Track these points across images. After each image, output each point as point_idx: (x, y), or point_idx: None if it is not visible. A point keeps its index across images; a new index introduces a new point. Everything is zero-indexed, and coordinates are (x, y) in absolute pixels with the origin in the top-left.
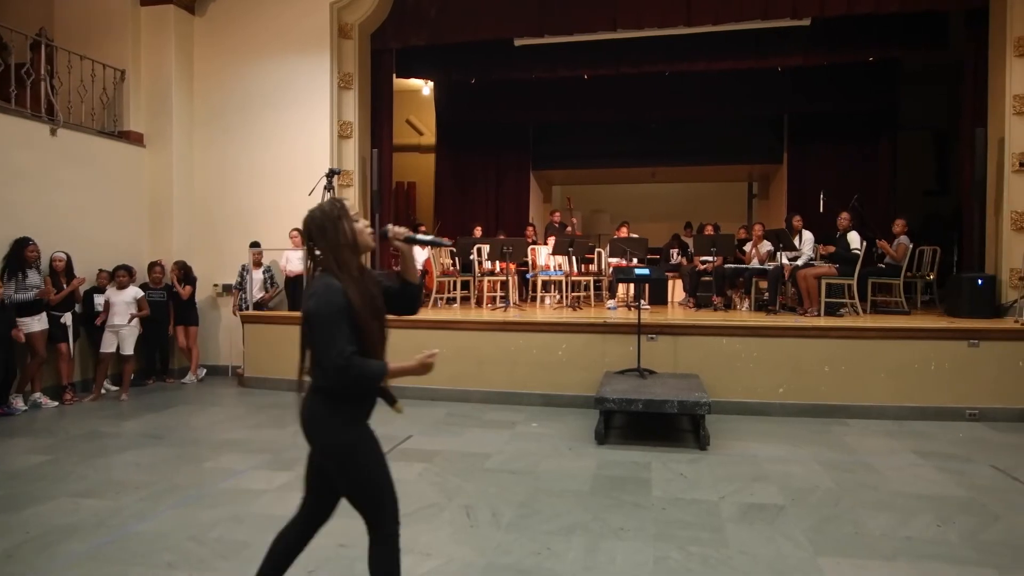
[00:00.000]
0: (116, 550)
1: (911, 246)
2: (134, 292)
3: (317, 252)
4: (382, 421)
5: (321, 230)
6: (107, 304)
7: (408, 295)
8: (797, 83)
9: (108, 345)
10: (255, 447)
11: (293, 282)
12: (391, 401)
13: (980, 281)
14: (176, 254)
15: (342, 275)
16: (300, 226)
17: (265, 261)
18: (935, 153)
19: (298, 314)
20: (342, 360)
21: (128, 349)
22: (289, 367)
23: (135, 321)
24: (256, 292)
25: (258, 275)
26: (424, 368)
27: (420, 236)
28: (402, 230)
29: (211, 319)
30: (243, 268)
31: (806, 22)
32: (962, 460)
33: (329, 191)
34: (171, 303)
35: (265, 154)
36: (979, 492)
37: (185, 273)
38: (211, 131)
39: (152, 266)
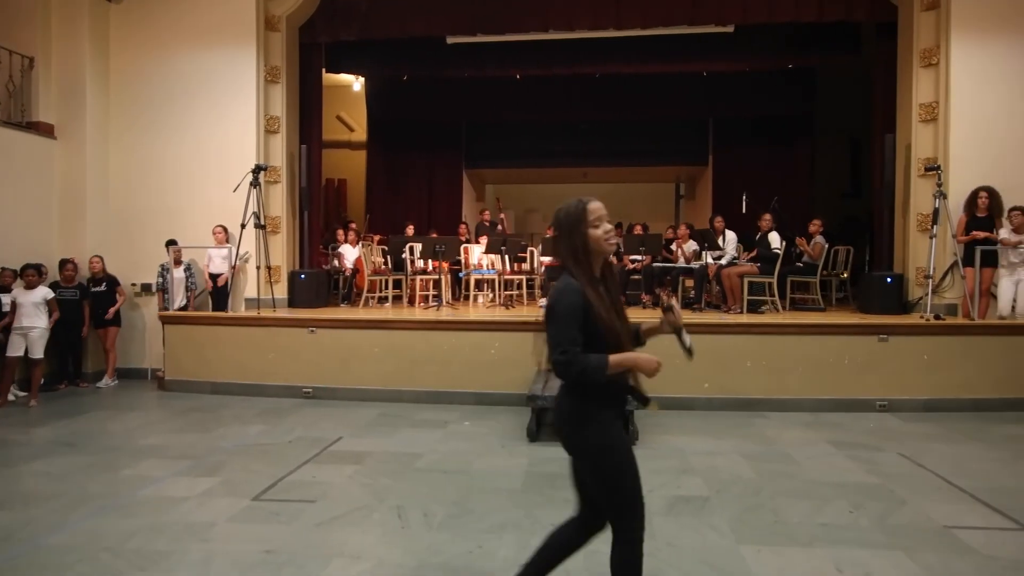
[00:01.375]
0: (25, 565)
1: (827, 246)
2: (44, 292)
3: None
4: (309, 423)
5: (564, 230)
6: (14, 305)
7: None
8: (722, 88)
9: (15, 348)
10: (176, 453)
11: (217, 280)
12: (644, 401)
13: (889, 279)
14: (90, 252)
15: (579, 275)
16: (223, 223)
17: (186, 259)
18: (850, 157)
19: (221, 314)
20: (564, 356)
21: (37, 352)
22: (214, 369)
23: (45, 323)
24: (178, 290)
25: (179, 273)
26: (649, 365)
27: (686, 341)
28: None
29: (128, 320)
30: (163, 267)
31: (730, 29)
32: (872, 449)
33: (255, 187)
34: (85, 302)
35: (187, 149)
36: (888, 479)
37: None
38: (129, 123)
39: (64, 264)
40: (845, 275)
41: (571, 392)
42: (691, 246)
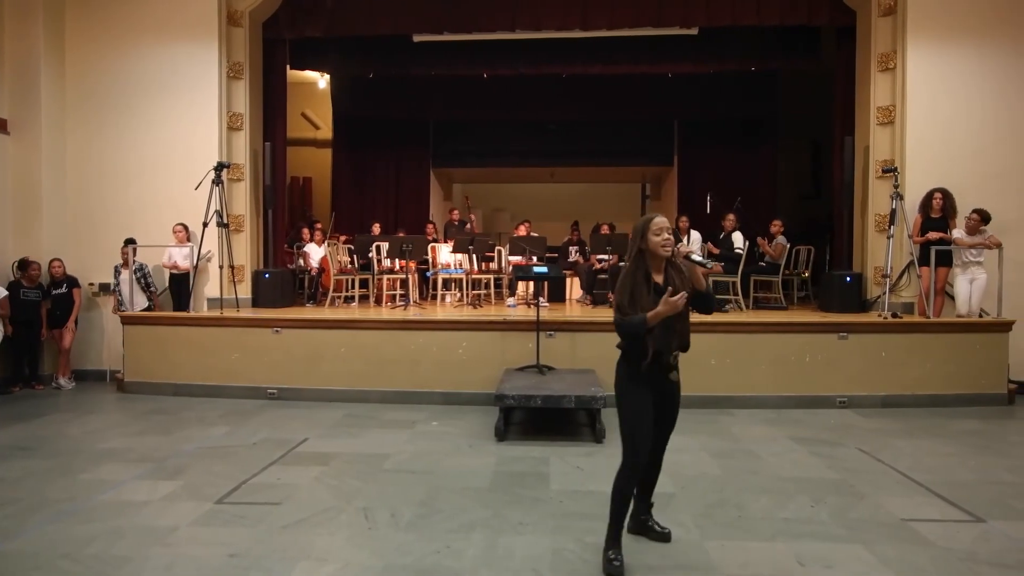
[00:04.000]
0: None
1: (788, 245)
2: None
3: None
4: (274, 425)
5: (634, 234)
6: None
7: (699, 298)
8: (687, 90)
9: None
10: (137, 456)
11: (178, 280)
12: (667, 370)
13: (848, 278)
14: (46, 251)
15: (632, 266)
16: (185, 221)
17: (149, 259)
18: (811, 159)
19: (183, 314)
20: (617, 317)
21: None
22: (175, 370)
23: None
24: (126, 293)
25: (126, 275)
26: (674, 306)
27: (695, 257)
28: (685, 250)
29: (86, 320)
30: (117, 268)
31: (695, 31)
32: (833, 444)
33: (217, 185)
34: (43, 303)
35: (148, 145)
36: (848, 474)
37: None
38: (87, 119)
39: (29, 264)
40: (806, 274)
41: (621, 355)
42: None
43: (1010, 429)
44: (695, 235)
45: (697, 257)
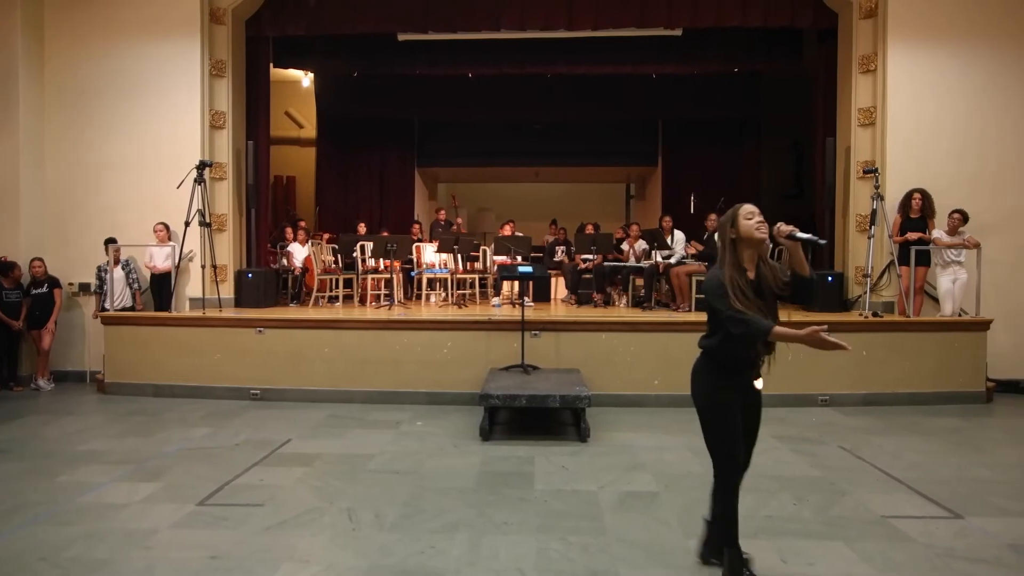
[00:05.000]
0: None
1: (771, 246)
2: None
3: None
4: (257, 425)
5: (720, 226)
6: None
7: (798, 285)
8: (671, 90)
9: None
10: (116, 458)
11: (159, 280)
12: (755, 376)
13: (830, 278)
14: (24, 249)
15: (723, 263)
16: (166, 220)
17: (127, 257)
18: (793, 159)
19: (164, 315)
20: (736, 313)
21: None
22: (156, 371)
23: None
24: (118, 292)
25: (119, 274)
26: (813, 338)
27: (799, 234)
28: (787, 228)
29: (66, 320)
30: (100, 268)
31: (678, 32)
32: (814, 442)
33: (199, 184)
34: (23, 303)
35: (129, 144)
36: (829, 471)
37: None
38: (66, 116)
39: (12, 266)
40: (789, 274)
41: (703, 353)
42: (641, 245)
43: (988, 426)
44: (679, 235)
45: (802, 234)
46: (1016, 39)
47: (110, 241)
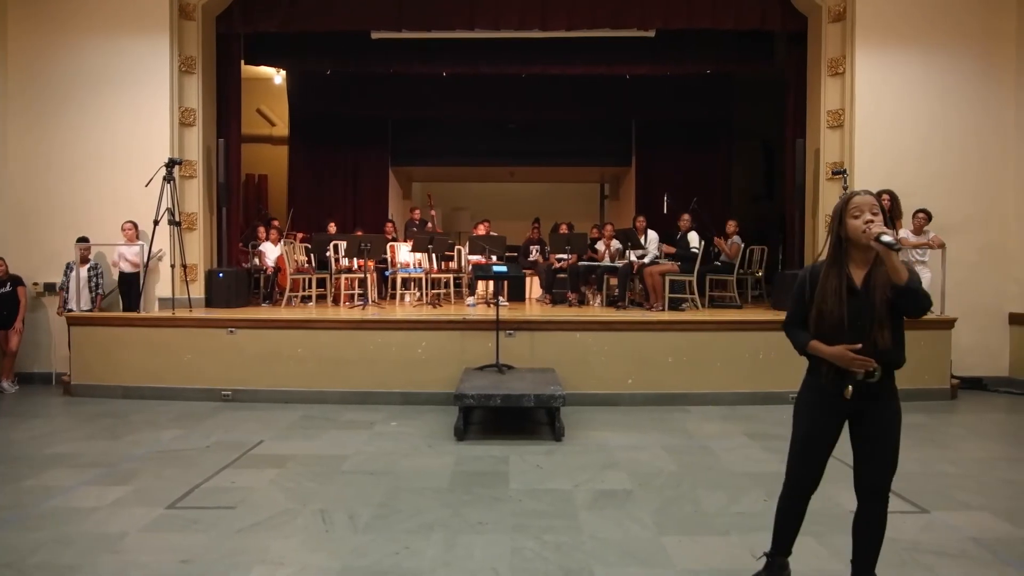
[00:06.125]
0: None
1: (743, 245)
2: None
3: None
4: (228, 427)
5: (832, 219)
6: None
7: (902, 296)
8: (644, 91)
9: None
10: (85, 461)
11: (127, 280)
12: (842, 386)
13: None
14: None
15: (827, 258)
16: (134, 219)
17: (93, 257)
18: (764, 161)
19: (133, 315)
20: (785, 321)
21: None
22: (125, 373)
23: None
24: (83, 290)
25: (84, 273)
26: (842, 357)
27: (885, 239)
28: (877, 230)
29: (31, 321)
30: (68, 266)
31: (651, 33)
32: (785, 440)
33: (168, 182)
34: None
35: (95, 140)
36: None
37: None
38: (29, 111)
39: None
40: (760, 273)
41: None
42: (615, 245)
43: (953, 423)
44: (652, 234)
45: (888, 238)
46: (978, 43)
47: (82, 240)
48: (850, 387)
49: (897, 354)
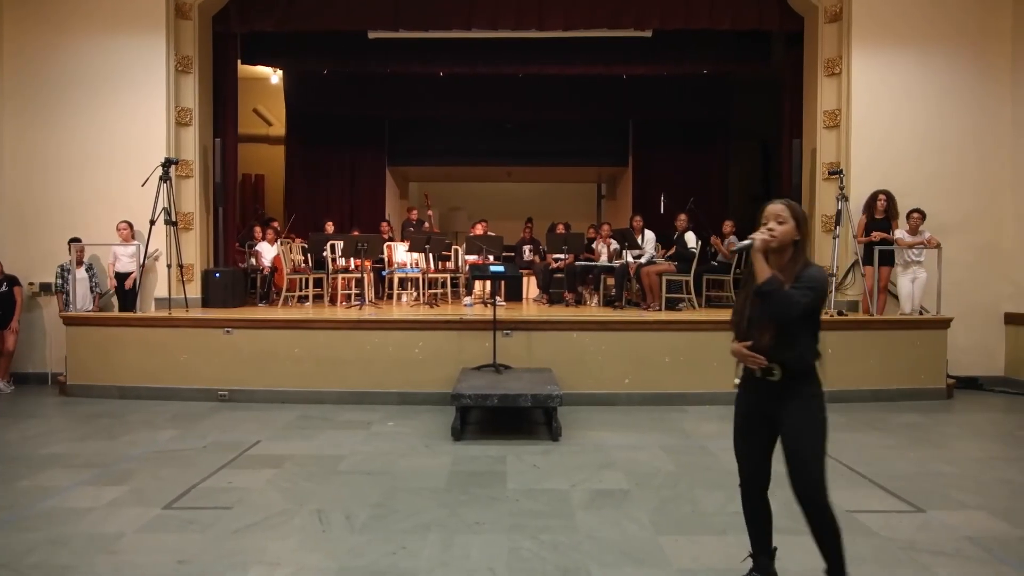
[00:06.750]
0: None
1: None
2: None
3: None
4: (225, 427)
5: (805, 219)
6: None
7: (758, 295)
8: (641, 91)
9: None
10: (80, 461)
11: (123, 280)
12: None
13: None
14: None
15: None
16: (130, 219)
17: (87, 258)
18: (761, 161)
19: (129, 315)
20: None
21: None
22: (121, 373)
23: None
24: (81, 295)
25: (81, 274)
26: (737, 353)
27: (737, 245)
28: (738, 243)
29: (27, 321)
30: (62, 268)
31: (648, 33)
32: None
33: (165, 182)
34: None
35: (91, 140)
36: None
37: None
38: (25, 110)
39: None
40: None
41: None
42: (612, 245)
43: (948, 422)
44: (649, 234)
45: (742, 244)
46: (975, 43)
47: (74, 240)
48: (736, 379)
49: (786, 355)
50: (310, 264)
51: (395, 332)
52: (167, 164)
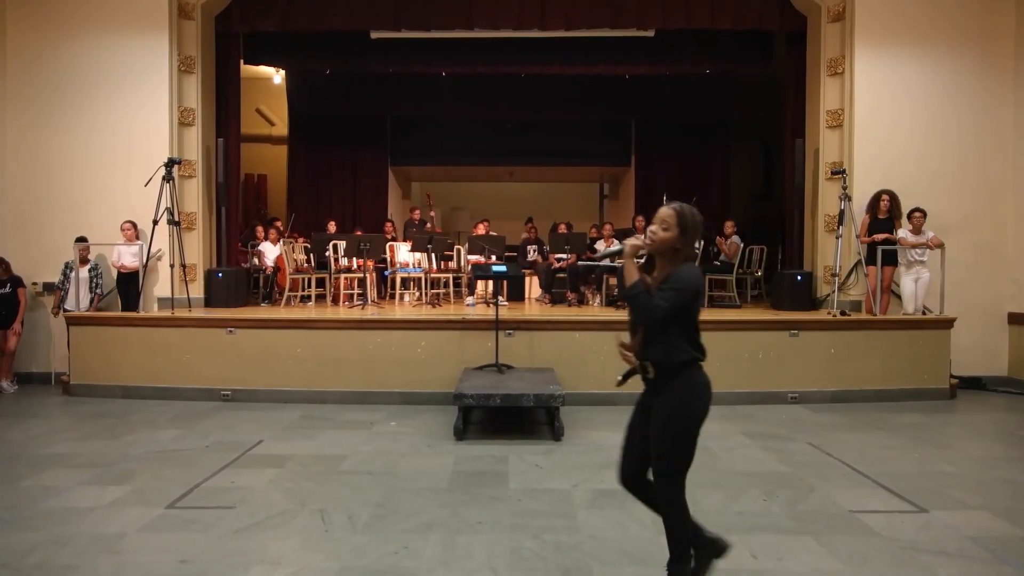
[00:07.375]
0: None
1: (742, 245)
2: None
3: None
4: (227, 427)
5: (694, 228)
6: None
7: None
8: (643, 91)
9: None
10: (82, 461)
11: (126, 279)
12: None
13: (799, 277)
14: None
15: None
16: (133, 219)
17: (93, 257)
18: (763, 160)
19: (132, 314)
20: None
21: None
22: (124, 372)
23: None
24: (82, 291)
25: (84, 273)
26: (618, 350)
27: (600, 253)
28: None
29: (30, 321)
30: (67, 266)
31: (650, 33)
32: (784, 439)
33: (168, 182)
34: None
35: (95, 140)
36: (798, 467)
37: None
38: (28, 110)
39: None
40: (759, 273)
41: None
42: (615, 245)
43: (951, 422)
44: None
45: (611, 250)
46: (977, 43)
47: (80, 239)
48: (619, 377)
49: (654, 354)
50: (313, 264)
51: (397, 332)
52: (170, 164)
